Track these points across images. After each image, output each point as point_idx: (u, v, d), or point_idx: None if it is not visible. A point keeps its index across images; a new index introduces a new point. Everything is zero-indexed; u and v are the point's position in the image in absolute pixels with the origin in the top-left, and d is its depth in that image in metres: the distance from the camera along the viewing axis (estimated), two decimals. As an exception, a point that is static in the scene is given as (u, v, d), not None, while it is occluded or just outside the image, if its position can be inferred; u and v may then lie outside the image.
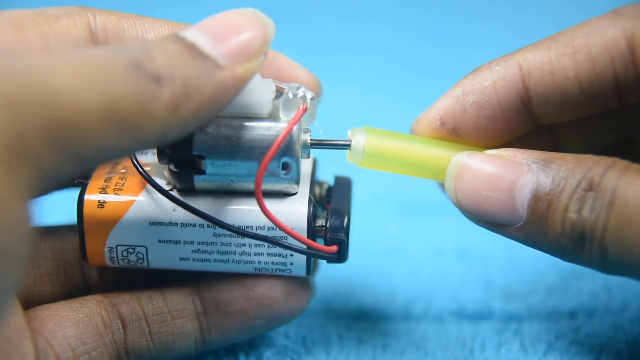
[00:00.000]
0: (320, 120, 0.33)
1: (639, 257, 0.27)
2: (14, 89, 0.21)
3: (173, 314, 0.33)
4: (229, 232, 0.32)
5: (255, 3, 0.33)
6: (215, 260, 0.33)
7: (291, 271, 0.33)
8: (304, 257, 0.33)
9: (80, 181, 0.33)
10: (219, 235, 0.32)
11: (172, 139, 0.27)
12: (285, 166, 0.31)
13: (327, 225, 0.33)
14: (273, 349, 0.38)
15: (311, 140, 0.33)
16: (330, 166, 0.39)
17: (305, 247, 0.32)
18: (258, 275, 0.33)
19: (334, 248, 0.32)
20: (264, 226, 0.32)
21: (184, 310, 0.33)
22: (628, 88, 0.30)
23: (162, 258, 0.33)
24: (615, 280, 0.43)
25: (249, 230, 0.32)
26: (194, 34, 0.27)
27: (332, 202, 0.34)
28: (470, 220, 0.32)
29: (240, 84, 0.28)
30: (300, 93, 0.31)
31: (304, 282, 0.34)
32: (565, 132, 0.36)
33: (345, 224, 0.33)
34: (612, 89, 0.30)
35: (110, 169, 0.34)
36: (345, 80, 0.68)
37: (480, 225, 0.32)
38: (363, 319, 0.41)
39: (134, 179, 0.33)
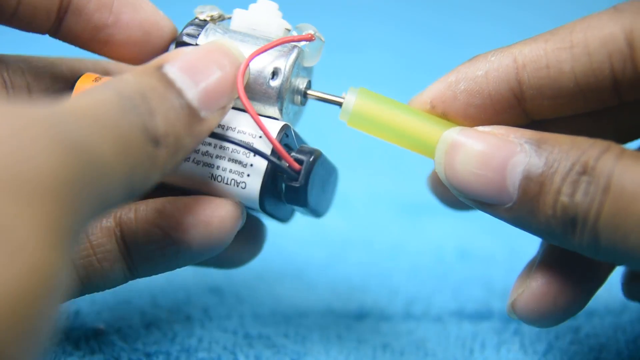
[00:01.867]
0: (319, 117, 0.33)
1: (633, 245, 0.27)
2: (74, 170, 0.21)
3: (98, 255, 0.32)
4: None
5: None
6: None
7: (245, 185, 0.32)
8: (262, 172, 0.31)
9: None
10: None
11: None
12: (274, 73, 0.32)
13: (297, 149, 0.32)
14: (273, 349, 0.38)
15: (308, 89, 0.33)
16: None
17: (269, 153, 0.31)
18: (176, 208, 0.31)
19: (297, 166, 0.31)
20: (235, 128, 0.32)
21: (109, 252, 0.32)
22: (625, 85, 0.30)
23: None
24: (615, 280, 0.43)
25: (219, 129, 0.32)
26: (180, 79, 0.28)
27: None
28: (459, 197, 0.31)
29: (212, 128, 0.30)
30: (311, 31, 0.33)
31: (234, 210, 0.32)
32: (559, 130, 0.36)
33: (314, 156, 0.32)
34: (608, 85, 0.30)
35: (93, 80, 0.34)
36: (346, 79, 0.68)
37: (469, 203, 0.31)
38: (363, 319, 0.41)
39: None
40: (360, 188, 0.41)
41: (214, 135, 0.31)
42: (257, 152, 0.31)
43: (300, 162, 0.31)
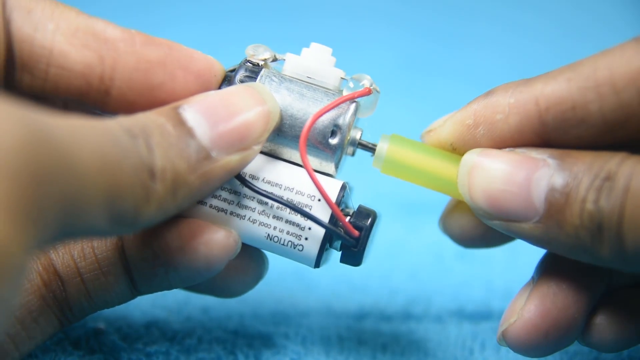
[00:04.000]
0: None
1: None
2: (40, 158, 0.22)
3: (104, 270, 0.32)
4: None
5: (257, 2, 0.33)
6: (231, 213, 0.32)
7: (302, 248, 0.32)
8: (320, 237, 0.32)
9: None
10: (245, 187, 0.32)
11: (150, 226, 0.28)
12: (334, 131, 0.32)
13: (354, 211, 0.32)
14: (273, 349, 0.38)
15: (361, 140, 0.33)
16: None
17: (327, 220, 0.31)
18: (168, 231, 0.31)
19: (356, 232, 0.32)
20: (293, 188, 0.32)
21: (114, 265, 0.32)
22: None
23: None
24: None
25: (277, 187, 0.32)
26: (194, 118, 0.28)
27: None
28: (484, 220, 0.31)
29: (230, 173, 0.30)
30: (366, 82, 0.33)
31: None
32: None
33: (372, 219, 0.32)
34: (638, 120, 0.29)
35: None
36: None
37: (494, 225, 0.31)
38: (363, 319, 0.41)
39: None
40: (360, 188, 0.40)
41: (271, 198, 0.31)
42: (315, 221, 0.31)
43: (359, 228, 0.32)
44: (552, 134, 0.30)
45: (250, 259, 0.34)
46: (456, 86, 0.70)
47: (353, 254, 0.32)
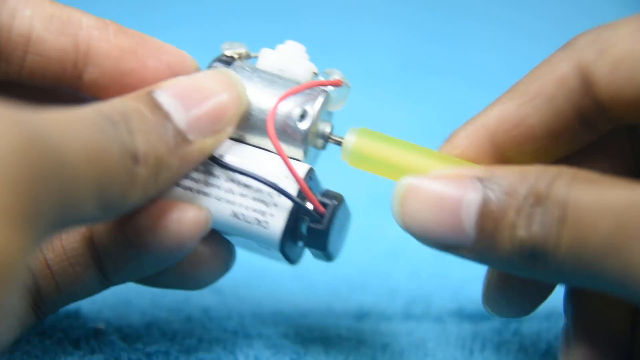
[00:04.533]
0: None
1: (597, 272, 0.26)
2: (36, 161, 0.22)
3: (72, 261, 0.32)
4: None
5: (256, 2, 0.33)
6: (198, 192, 0.32)
7: (267, 225, 0.32)
8: (286, 213, 0.32)
9: None
10: (212, 164, 0.32)
11: (133, 210, 0.29)
12: (302, 115, 0.32)
13: (322, 192, 0.33)
14: (273, 349, 0.38)
15: (331, 134, 0.34)
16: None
17: (296, 191, 0.32)
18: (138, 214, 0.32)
19: (322, 209, 0.32)
20: (259, 167, 0.32)
21: (82, 256, 0.32)
22: (595, 118, 0.30)
23: None
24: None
25: (244, 166, 0.32)
26: (169, 102, 0.29)
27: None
28: (422, 243, 0.31)
29: (205, 155, 0.31)
30: (337, 76, 0.34)
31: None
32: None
33: (338, 200, 0.32)
34: (578, 124, 0.30)
35: None
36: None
37: (432, 248, 0.31)
38: (363, 319, 0.41)
39: None
40: (360, 188, 0.41)
41: (239, 171, 0.32)
42: (282, 192, 0.31)
43: (325, 205, 0.32)
44: (508, 154, 0.31)
45: (217, 248, 0.34)
46: (455, 86, 0.71)
47: (318, 232, 0.32)
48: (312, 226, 0.32)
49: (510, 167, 0.29)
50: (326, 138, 0.34)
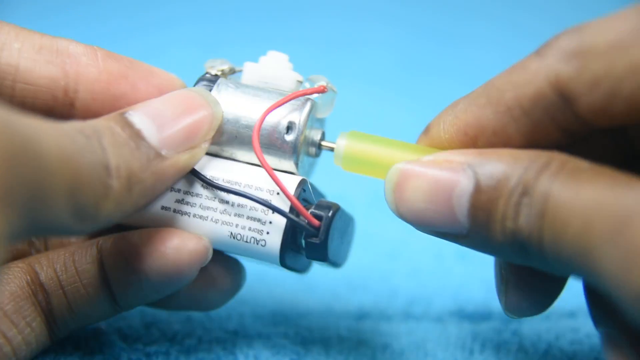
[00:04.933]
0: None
1: (576, 269, 0.26)
2: (8, 144, 0.22)
3: (84, 282, 0.32)
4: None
5: (255, 2, 0.33)
6: (194, 216, 0.32)
7: (265, 243, 0.32)
8: (281, 229, 0.32)
9: None
10: (206, 187, 0.33)
11: (109, 224, 0.29)
12: (289, 127, 0.32)
13: (315, 204, 0.32)
14: (273, 349, 0.38)
15: (322, 141, 0.34)
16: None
17: (287, 209, 0.32)
18: (134, 240, 0.32)
19: (317, 222, 0.32)
20: (252, 185, 0.32)
21: (94, 278, 0.32)
22: (574, 129, 0.29)
23: None
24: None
25: (237, 186, 0.32)
26: (140, 121, 0.30)
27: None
28: (418, 230, 0.31)
29: (181, 172, 0.31)
30: (323, 82, 0.34)
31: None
32: None
33: (333, 211, 0.32)
34: (557, 132, 0.29)
35: None
36: (346, 78, 0.68)
37: (429, 234, 0.31)
38: (363, 319, 0.41)
39: None
40: (360, 188, 0.41)
41: (231, 192, 0.32)
42: (275, 210, 0.32)
43: (319, 217, 0.32)
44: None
45: (226, 270, 0.35)
46: (455, 86, 0.70)
47: (316, 246, 0.32)
48: (309, 241, 0.32)
49: (503, 152, 0.28)
50: (318, 145, 0.34)
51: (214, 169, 0.33)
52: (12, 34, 0.32)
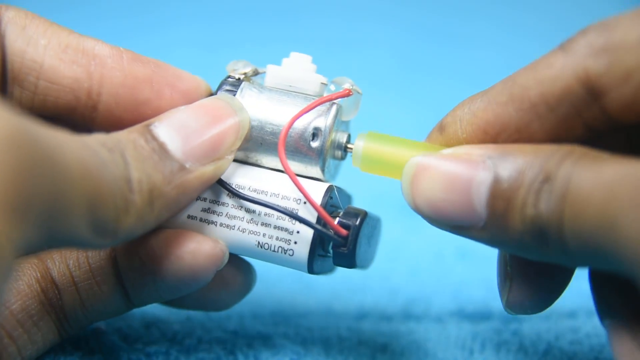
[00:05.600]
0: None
1: (595, 247, 0.26)
2: (28, 154, 0.22)
3: (97, 279, 0.32)
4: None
5: (255, 2, 0.33)
6: (221, 225, 0.32)
7: (293, 252, 0.32)
8: (309, 239, 0.32)
9: None
10: (232, 196, 0.32)
11: (130, 239, 0.29)
12: (315, 134, 0.32)
13: (342, 212, 0.32)
14: (273, 349, 0.38)
15: (349, 144, 0.33)
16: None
17: (314, 220, 0.31)
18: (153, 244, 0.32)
19: (344, 231, 0.31)
20: (278, 194, 0.32)
21: (107, 275, 0.32)
22: (600, 125, 0.29)
23: None
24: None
25: (263, 195, 0.32)
26: (165, 133, 0.29)
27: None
28: (432, 225, 0.31)
29: (206, 184, 0.31)
30: (347, 85, 0.33)
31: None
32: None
33: (360, 218, 0.32)
34: (582, 128, 0.29)
35: None
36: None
37: (442, 229, 0.31)
38: (363, 319, 0.41)
39: None
40: (360, 188, 0.41)
41: (256, 202, 0.32)
42: (302, 221, 0.31)
43: (346, 227, 0.32)
44: None
45: (237, 271, 0.35)
46: (455, 86, 0.70)
47: (344, 254, 0.32)
48: (337, 250, 0.32)
49: (524, 145, 0.29)
50: (344, 148, 0.34)
51: (240, 177, 0.33)
52: (41, 30, 0.32)
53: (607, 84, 0.27)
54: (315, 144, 0.32)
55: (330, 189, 0.32)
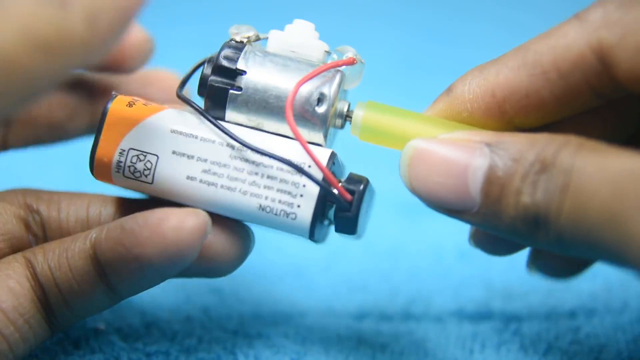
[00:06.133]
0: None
1: (596, 241, 0.26)
2: None
3: (77, 279, 0.32)
4: (244, 157, 0.32)
5: (255, 2, 0.33)
6: (222, 187, 0.32)
7: (295, 216, 0.32)
8: (313, 203, 0.31)
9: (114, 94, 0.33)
10: (234, 157, 0.32)
11: (97, 58, 0.27)
12: (320, 100, 0.32)
13: (345, 177, 0.32)
14: (273, 349, 0.38)
15: (349, 112, 0.33)
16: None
17: (321, 178, 0.31)
18: (135, 224, 0.31)
19: (349, 196, 0.31)
20: (282, 156, 0.32)
21: (87, 274, 0.32)
22: (608, 93, 0.30)
23: (169, 172, 0.32)
24: (615, 280, 0.43)
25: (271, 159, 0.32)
26: None
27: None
28: (428, 206, 0.31)
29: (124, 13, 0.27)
30: (350, 54, 0.33)
31: (233, 228, 0.33)
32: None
33: (364, 185, 0.32)
34: (591, 96, 0.30)
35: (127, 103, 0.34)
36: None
37: (437, 211, 0.31)
38: (363, 319, 0.41)
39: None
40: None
41: (264, 154, 0.31)
42: (310, 178, 0.31)
43: (351, 192, 0.32)
44: (516, 119, 0.31)
45: (233, 233, 0.34)
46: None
47: (347, 219, 0.32)
48: (340, 214, 0.32)
49: (519, 135, 0.29)
50: (345, 117, 0.34)
51: (244, 139, 0.32)
52: None
53: (619, 55, 0.28)
54: (320, 110, 0.32)
55: (333, 155, 0.32)
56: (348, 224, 0.32)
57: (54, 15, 0.25)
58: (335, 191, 0.31)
